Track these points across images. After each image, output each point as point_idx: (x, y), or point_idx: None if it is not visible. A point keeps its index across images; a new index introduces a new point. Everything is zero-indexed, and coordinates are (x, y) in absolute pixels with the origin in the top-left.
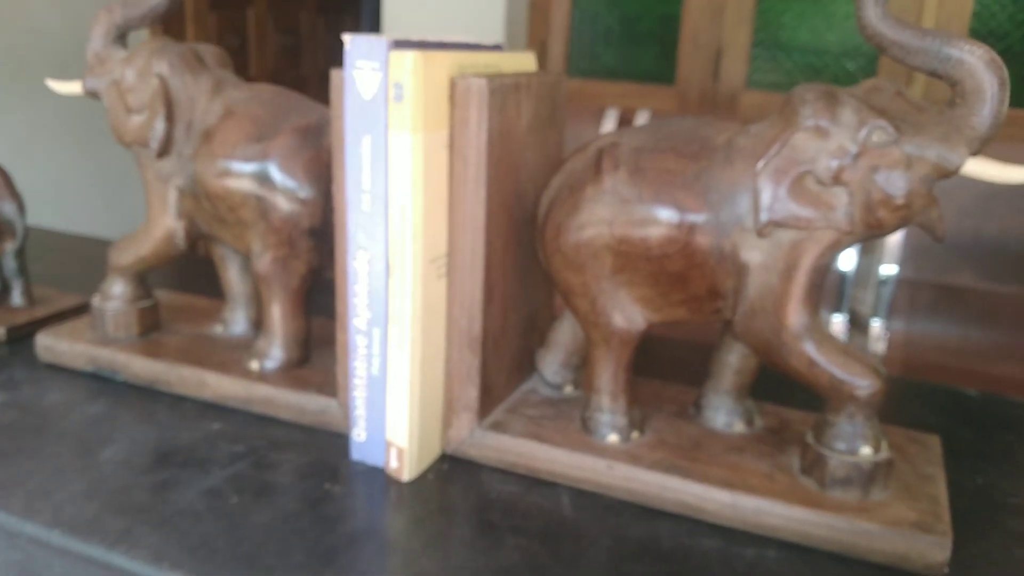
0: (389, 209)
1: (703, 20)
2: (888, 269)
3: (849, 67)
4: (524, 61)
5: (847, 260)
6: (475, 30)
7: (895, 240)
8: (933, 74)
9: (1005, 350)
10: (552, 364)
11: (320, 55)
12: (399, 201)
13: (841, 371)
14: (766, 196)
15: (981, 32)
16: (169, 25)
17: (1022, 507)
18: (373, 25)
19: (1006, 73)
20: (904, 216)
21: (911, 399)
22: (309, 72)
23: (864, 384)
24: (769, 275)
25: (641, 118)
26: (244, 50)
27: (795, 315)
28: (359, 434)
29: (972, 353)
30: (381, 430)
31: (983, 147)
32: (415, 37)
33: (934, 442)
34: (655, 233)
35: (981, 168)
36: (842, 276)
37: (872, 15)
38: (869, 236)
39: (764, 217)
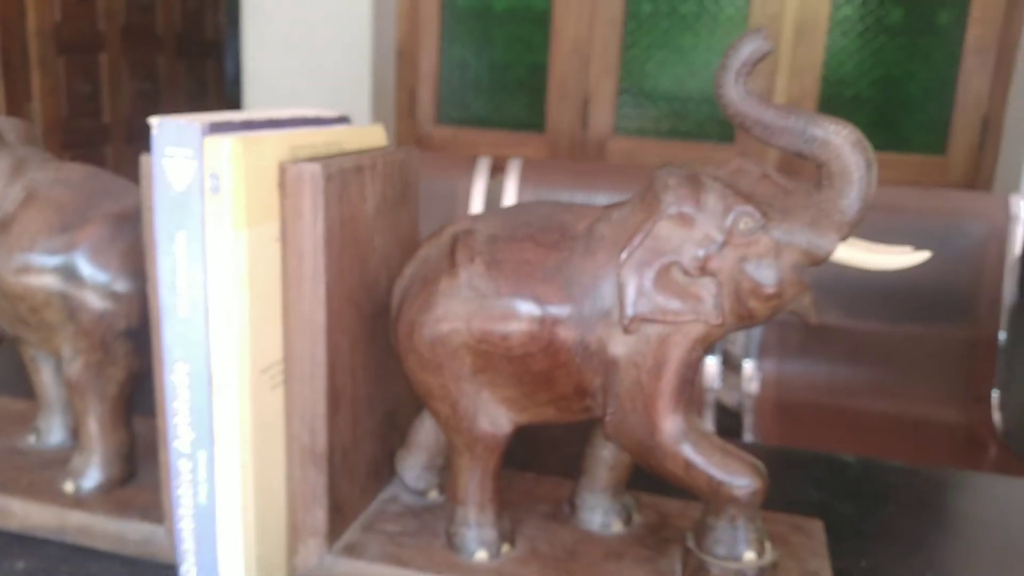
0: (210, 314)
1: (570, 69)
2: None
3: (711, 113)
4: (371, 135)
5: None
6: (341, 77)
7: None
8: (799, 155)
9: (870, 384)
10: (414, 468)
11: (181, 101)
12: (221, 305)
13: (719, 472)
14: (631, 290)
15: (832, 79)
16: (11, 73)
17: None
18: (237, 71)
19: (872, 154)
20: (776, 305)
21: (790, 472)
22: None
23: (744, 483)
24: (638, 372)
25: (513, 166)
26: (97, 96)
27: (668, 415)
28: (188, 570)
29: (840, 390)
30: (214, 566)
31: (852, 230)
32: (277, 88)
33: (817, 528)
34: (516, 330)
35: (851, 255)
36: None
37: (733, 93)
38: (740, 327)
39: (630, 312)
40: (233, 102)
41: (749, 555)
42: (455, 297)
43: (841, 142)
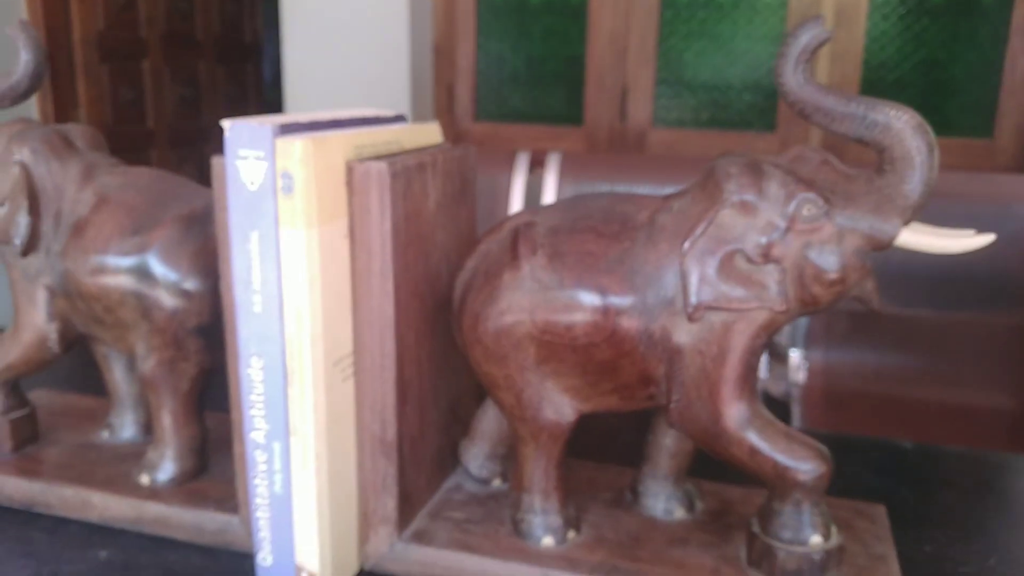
0: (284, 310)
1: (607, 61)
2: None
3: (751, 102)
4: (428, 133)
5: None
6: (380, 76)
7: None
8: (860, 141)
9: (921, 373)
10: (478, 457)
11: (220, 106)
12: (294, 301)
13: (785, 457)
14: (694, 278)
15: (873, 63)
16: (58, 81)
17: (974, 575)
18: (275, 74)
19: (933, 138)
20: (839, 291)
21: (847, 458)
22: (209, 123)
23: (809, 468)
24: (703, 360)
25: (552, 160)
26: (140, 103)
27: (733, 401)
28: (265, 558)
29: (890, 378)
30: (290, 553)
31: (916, 215)
32: (316, 89)
33: (880, 513)
34: (580, 320)
35: (916, 238)
36: None
37: (793, 82)
38: (804, 312)
39: (694, 300)
40: (271, 105)
41: (816, 539)
42: (518, 289)
43: (902, 126)
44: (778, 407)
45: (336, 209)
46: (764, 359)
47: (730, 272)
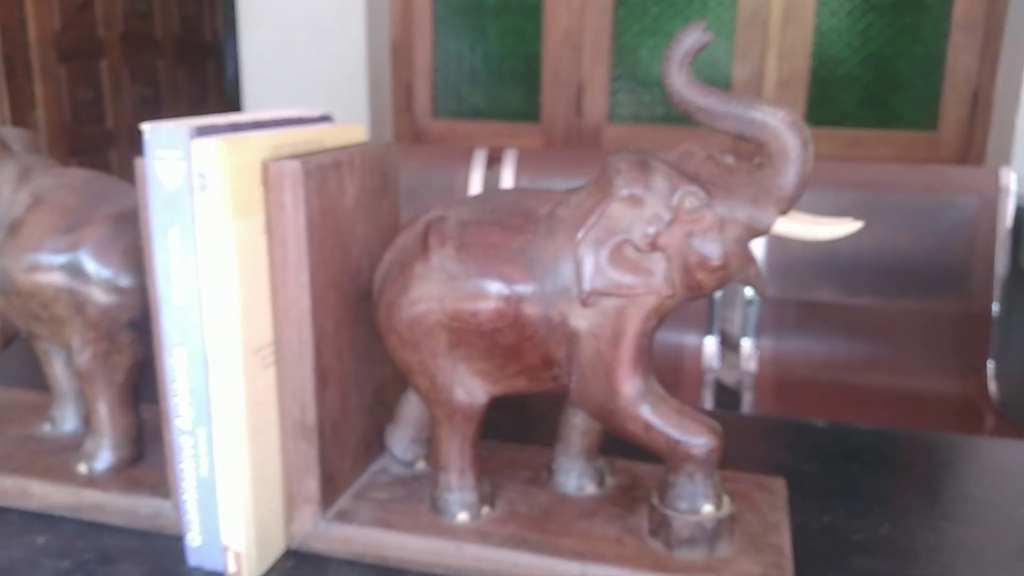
0: (203, 302)
1: (563, 58)
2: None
3: None
4: (351, 133)
5: None
6: (338, 75)
7: (758, 260)
8: (740, 137)
9: (867, 360)
10: (402, 441)
11: (182, 105)
12: (213, 293)
13: (677, 432)
14: (587, 266)
15: (822, 58)
16: (15, 82)
17: (866, 543)
18: (236, 71)
19: (808, 133)
20: (722, 276)
21: (761, 438)
22: None
23: (701, 443)
24: (597, 342)
25: (509, 157)
26: (99, 103)
27: (627, 381)
28: (194, 539)
29: (838, 365)
30: (216, 533)
31: (791, 205)
32: (275, 88)
33: (780, 486)
34: (484, 308)
35: (790, 227)
36: (711, 299)
37: (678, 82)
38: (691, 298)
39: (587, 287)
40: (234, 104)
41: (707, 508)
42: (428, 279)
43: (778, 123)
44: (730, 396)
45: (253, 206)
46: (716, 348)
47: (620, 260)
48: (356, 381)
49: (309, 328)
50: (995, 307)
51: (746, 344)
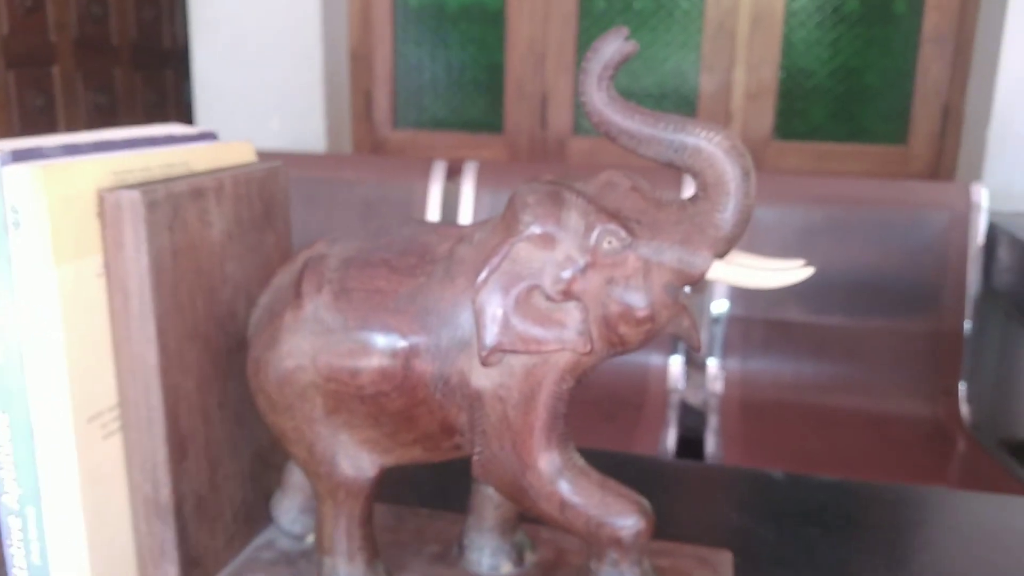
0: (25, 360)
1: (526, 68)
2: (720, 306)
3: (670, 109)
4: (235, 152)
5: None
6: (293, 83)
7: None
8: (671, 165)
9: (836, 380)
10: (290, 511)
11: (139, 113)
12: (37, 350)
13: (600, 512)
14: (487, 318)
15: (791, 70)
16: None
17: None
18: None
19: (750, 161)
20: (649, 330)
21: (712, 494)
22: None
23: (627, 524)
24: (504, 407)
25: (469, 169)
26: (51, 110)
27: (540, 452)
28: None
29: (806, 386)
30: None
31: (731, 246)
32: (227, 97)
33: (725, 560)
34: (365, 367)
35: (729, 272)
36: None
37: (596, 100)
38: (614, 354)
39: (488, 342)
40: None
41: None
42: (299, 331)
43: (714, 150)
44: (696, 417)
45: (88, 245)
46: (682, 368)
47: (527, 311)
48: (230, 445)
49: (158, 388)
50: (967, 326)
51: (712, 364)
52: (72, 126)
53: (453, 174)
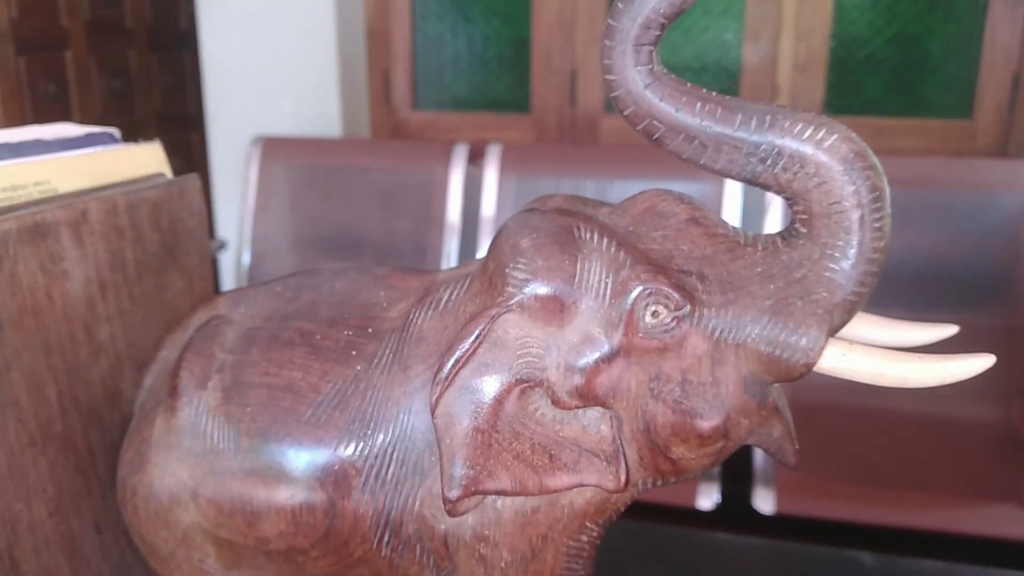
0: None
1: (554, 42)
2: None
3: (711, 84)
4: (132, 163)
5: None
6: (306, 62)
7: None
8: (751, 182)
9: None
10: None
11: (156, 97)
12: None
13: None
14: (455, 441)
15: (843, 38)
16: None
17: None
18: None
19: (881, 177)
20: (719, 450)
21: None
22: (143, 117)
23: None
24: (487, 569)
25: (492, 153)
26: (64, 96)
27: None
28: None
29: (865, 388)
30: None
31: (851, 316)
32: (237, 78)
33: None
34: (268, 511)
35: (856, 362)
36: None
37: (633, 79)
38: (659, 485)
39: (454, 486)
40: None
41: None
42: (174, 449)
43: (825, 158)
44: None
45: None
46: None
47: (522, 426)
48: None
49: None
50: None
51: None
52: (87, 113)
53: (476, 158)
